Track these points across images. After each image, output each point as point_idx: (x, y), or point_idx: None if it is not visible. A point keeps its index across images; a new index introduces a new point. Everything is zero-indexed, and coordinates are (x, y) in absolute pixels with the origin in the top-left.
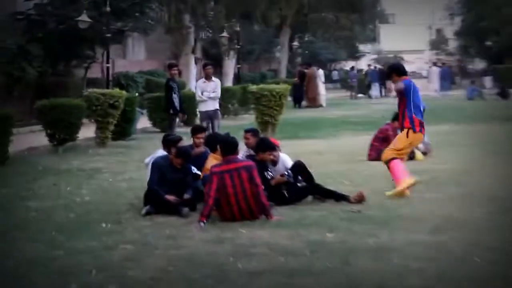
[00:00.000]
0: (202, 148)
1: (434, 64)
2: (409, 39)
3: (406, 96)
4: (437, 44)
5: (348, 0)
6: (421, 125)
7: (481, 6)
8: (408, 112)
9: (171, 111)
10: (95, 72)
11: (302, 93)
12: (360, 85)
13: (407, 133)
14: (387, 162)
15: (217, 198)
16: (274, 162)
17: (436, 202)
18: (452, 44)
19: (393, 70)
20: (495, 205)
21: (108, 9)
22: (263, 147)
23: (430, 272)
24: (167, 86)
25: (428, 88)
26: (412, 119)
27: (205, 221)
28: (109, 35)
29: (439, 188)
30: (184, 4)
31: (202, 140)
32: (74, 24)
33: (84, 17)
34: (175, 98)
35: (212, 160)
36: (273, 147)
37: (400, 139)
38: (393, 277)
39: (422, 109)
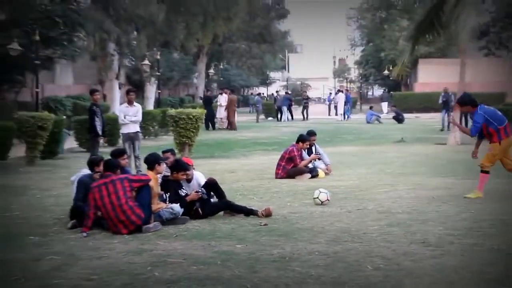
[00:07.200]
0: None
1: (339, 91)
2: (315, 68)
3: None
4: (340, 72)
5: (259, 32)
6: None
7: (380, 39)
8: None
9: (94, 134)
10: (25, 96)
11: (212, 116)
12: (268, 109)
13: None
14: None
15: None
16: (189, 180)
17: (335, 216)
18: (354, 73)
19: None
20: (387, 218)
21: (37, 37)
22: (177, 168)
23: (326, 279)
24: (90, 110)
25: (333, 113)
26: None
27: (87, 231)
28: (38, 62)
29: (338, 203)
30: (108, 34)
31: (126, 162)
32: (5, 51)
33: (14, 45)
34: (98, 122)
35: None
36: (186, 168)
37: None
38: (295, 284)
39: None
